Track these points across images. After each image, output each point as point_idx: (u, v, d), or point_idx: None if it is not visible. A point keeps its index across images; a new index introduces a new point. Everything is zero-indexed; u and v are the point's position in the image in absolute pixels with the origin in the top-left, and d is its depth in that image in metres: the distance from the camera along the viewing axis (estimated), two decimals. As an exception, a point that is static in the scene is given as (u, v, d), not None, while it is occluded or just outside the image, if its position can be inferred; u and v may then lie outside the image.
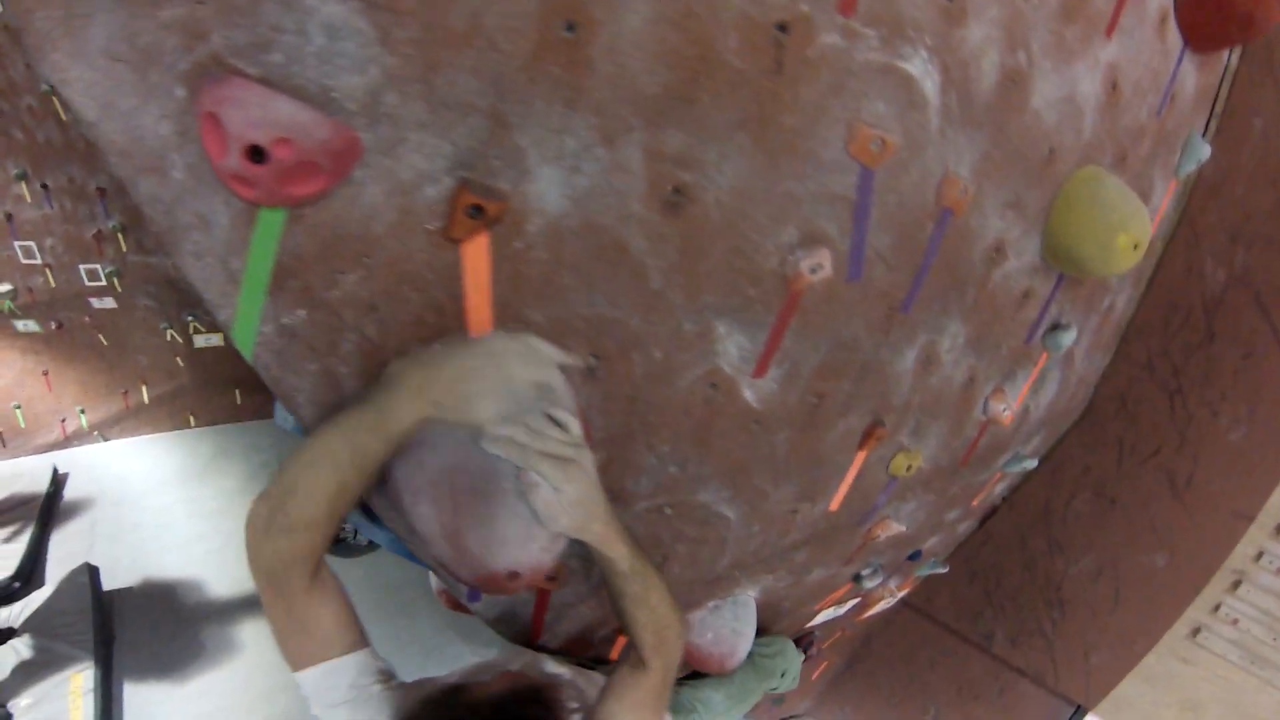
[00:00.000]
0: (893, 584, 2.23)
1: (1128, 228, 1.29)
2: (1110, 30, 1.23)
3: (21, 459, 4.14)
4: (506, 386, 0.79)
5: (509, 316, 0.84)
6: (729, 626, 1.42)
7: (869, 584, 1.88)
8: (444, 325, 0.80)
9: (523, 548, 0.83)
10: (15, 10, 0.52)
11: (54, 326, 4.01)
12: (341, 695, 0.78)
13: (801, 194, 0.96)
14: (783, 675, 1.65)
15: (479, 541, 0.81)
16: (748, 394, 1.10)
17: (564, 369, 0.88)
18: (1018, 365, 1.61)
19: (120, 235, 4.02)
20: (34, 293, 3.88)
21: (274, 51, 0.61)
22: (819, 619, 2.03)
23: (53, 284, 3.91)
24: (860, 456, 1.39)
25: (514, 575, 0.84)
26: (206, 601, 3.33)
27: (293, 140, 0.62)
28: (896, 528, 1.69)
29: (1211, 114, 1.73)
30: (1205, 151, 1.62)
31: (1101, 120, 1.31)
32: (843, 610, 2.12)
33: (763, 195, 0.93)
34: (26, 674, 2.76)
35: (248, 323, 0.71)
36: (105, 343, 4.24)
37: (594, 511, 0.83)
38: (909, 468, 1.47)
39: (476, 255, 0.78)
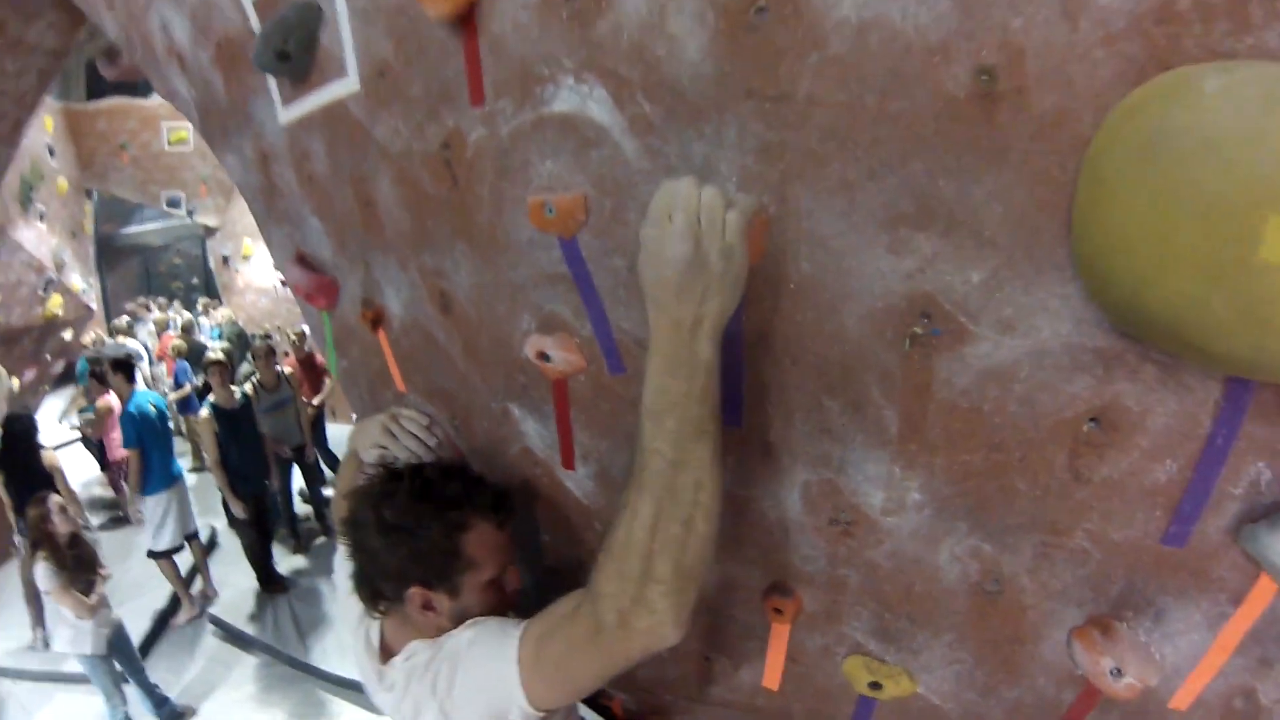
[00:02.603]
0: None
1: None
2: None
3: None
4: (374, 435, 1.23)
5: (408, 380, 1.26)
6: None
7: None
8: (389, 379, 1.32)
9: None
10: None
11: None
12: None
13: (522, 281, 0.91)
14: None
15: None
16: (569, 485, 1.03)
17: (439, 422, 1.22)
18: (1156, 584, 0.56)
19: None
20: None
21: (305, 245, 1.33)
22: None
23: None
24: (778, 631, 0.87)
25: None
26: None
27: (297, 286, 1.33)
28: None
29: None
30: None
31: None
32: None
33: (493, 289, 0.96)
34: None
35: (333, 364, 1.47)
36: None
37: None
38: (875, 685, 0.77)
39: (383, 341, 1.27)
